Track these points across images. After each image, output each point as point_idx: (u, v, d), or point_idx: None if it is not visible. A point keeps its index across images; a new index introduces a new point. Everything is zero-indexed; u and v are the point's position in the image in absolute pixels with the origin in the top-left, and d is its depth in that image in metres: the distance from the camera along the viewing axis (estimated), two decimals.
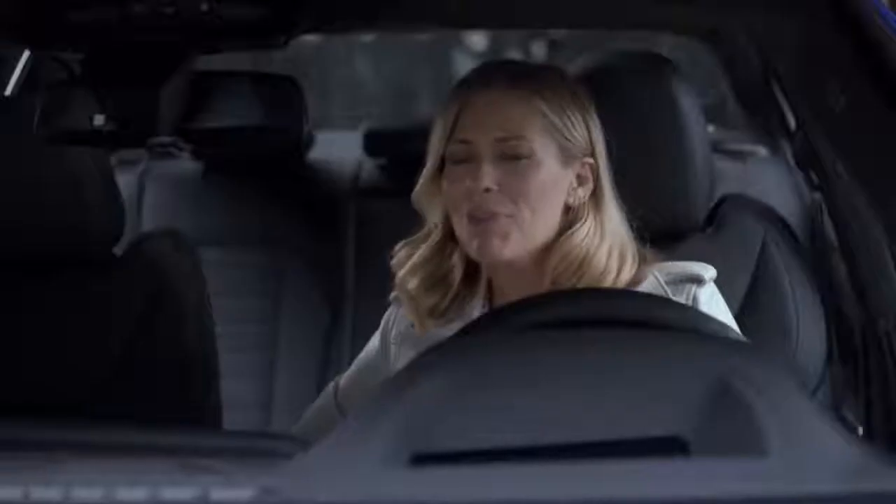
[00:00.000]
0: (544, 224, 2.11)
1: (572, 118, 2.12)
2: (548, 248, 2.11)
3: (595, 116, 2.15)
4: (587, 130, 2.13)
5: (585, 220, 2.12)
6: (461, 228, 2.11)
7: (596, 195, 2.15)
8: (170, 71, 1.91)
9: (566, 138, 2.11)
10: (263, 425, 3.80)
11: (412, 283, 2.17)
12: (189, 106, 1.95)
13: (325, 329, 3.89)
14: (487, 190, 2.07)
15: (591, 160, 2.14)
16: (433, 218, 2.17)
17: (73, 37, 1.92)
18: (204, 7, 1.82)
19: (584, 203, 2.13)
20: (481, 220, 2.08)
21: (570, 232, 2.11)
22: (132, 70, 1.93)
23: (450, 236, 2.16)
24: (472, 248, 2.11)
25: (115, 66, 1.93)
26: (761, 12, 2.30)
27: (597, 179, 2.14)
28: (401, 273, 2.19)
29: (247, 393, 3.81)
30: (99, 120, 1.90)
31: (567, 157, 2.12)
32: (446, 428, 1.37)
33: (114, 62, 1.93)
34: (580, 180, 2.14)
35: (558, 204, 2.12)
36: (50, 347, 2.51)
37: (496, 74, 2.13)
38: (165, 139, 1.96)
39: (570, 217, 2.13)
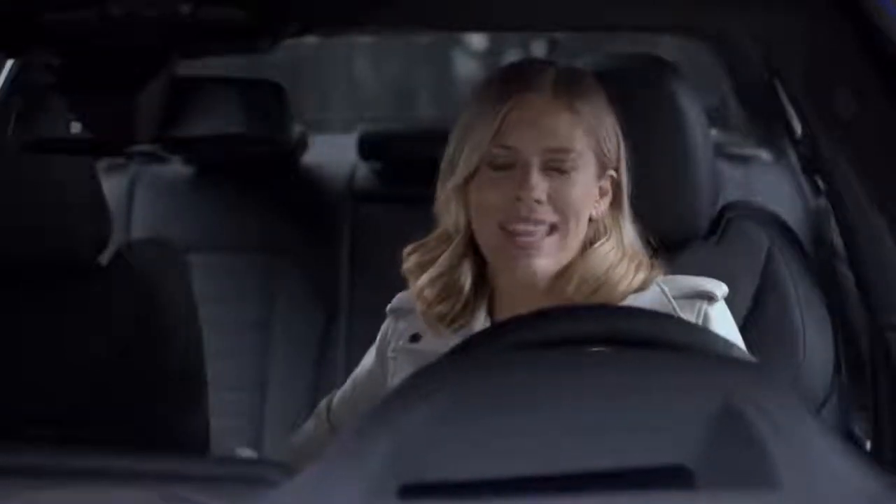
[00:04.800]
0: (579, 238, 2.06)
1: (608, 129, 2.08)
2: (568, 263, 2.06)
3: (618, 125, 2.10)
4: (617, 143, 2.09)
5: (609, 236, 2.09)
6: (492, 240, 2.05)
7: (615, 207, 2.10)
8: (150, 76, 1.85)
9: (604, 153, 2.07)
10: (256, 433, 3.77)
11: (428, 292, 2.11)
12: (169, 113, 1.89)
13: (320, 334, 3.86)
14: (538, 201, 2.00)
15: (614, 173, 2.09)
16: (456, 225, 2.09)
17: (48, 41, 1.86)
18: (185, 9, 1.76)
19: (605, 216, 2.09)
20: (521, 236, 2.01)
21: (593, 247, 2.07)
22: (110, 76, 1.87)
23: (468, 244, 2.09)
24: (507, 264, 2.05)
25: (93, 72, 1.87)
26: (764, 13, 2.24)
27: (617, 191, 2.10)
28: (417, 283, 2.13)
29: (240, 400, 3.79)
30: (76, 127, 1.85)
31: (601, 170, 2.08)
32: (437, 457, 1.30)
33: (91, 67, 1.87)
34: (601, 192, 2.09)
35: (587, 217, 2.07)
36: (37, 355, 2.47)
37: (539, 77, 2.05)
38: (145, 147, 1.90)
39: (591, 231, 2.09)
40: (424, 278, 2.12)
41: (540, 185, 2.01)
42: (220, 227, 3.89)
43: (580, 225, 2.05)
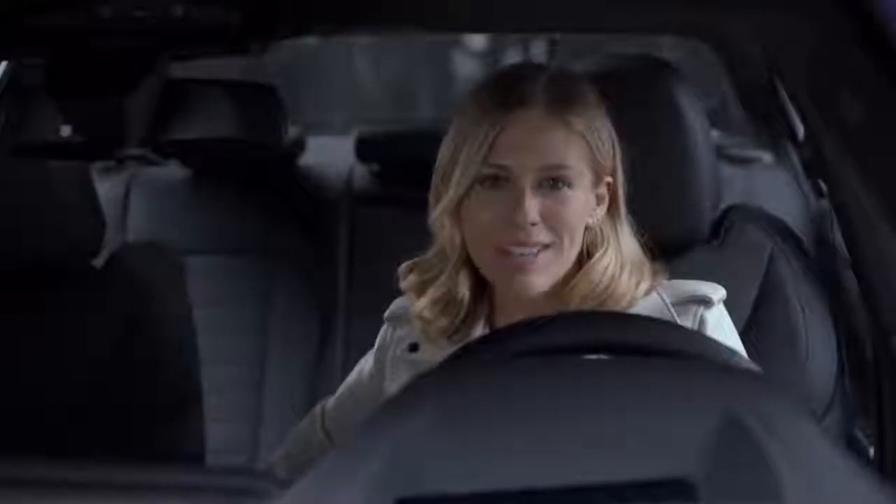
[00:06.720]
0: (575, 249, 2.03)
1: (603, 139, 2.04)
2: (568, 275, 2.03)
3: (613, 128, 2.06)
4: (612, 149, 2.05)
5: (608, 247, 2.05)
6: (488, 259, 2.02)
7: (612, 213, 2.07)
8: (141, 79, 1.83)
9: (599, 163, 2.03)
10: (254, 435, 3.75)
11: (428, 311, 2.09)
12: (161, 116, 1.87)
13: (318, 336, 3.85)
14: (533, 224, 1.97)
15: (610, 179, 2.06)
16: (452, 242, 2.06)
17: (38, 43, 1.83)
18: (177, 11, 1.73)
19: (602, 223, 2.06)
20: (516, 254, 1.98)
21: (592, 261, 2.04)
22: (101, 78, 1.84)
23: (465, 260, 2.07)
24: (504, 281, 2.03)
25: (83, 74, 1.85)
26: (765, 13, 2.21)
27: (614, 197, 2.07)
28: (417, 303, 2.10)
29: (238, 402, 3.77)
30: (65, 131, 1.82)
31: (597, 180, 2.04)
32: (433, 469, 1.27)
33: (82, 69, 1.84)
34: (598, 199, 2.06)
35: (583, 228, 2.04)
36: (35, 357, 2.45)
37: (530, 90, 2.00)
38: (136, 151, 1.88)
39: (589, 238, 2.06)
40: (424, 300, 2.09)
41: (534, 207, 1.98)
42: (217, 230, 3.87)
43: (575, 239, 2.02)
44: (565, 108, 2.00)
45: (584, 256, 2.05)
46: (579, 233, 2.02)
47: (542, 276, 2.00)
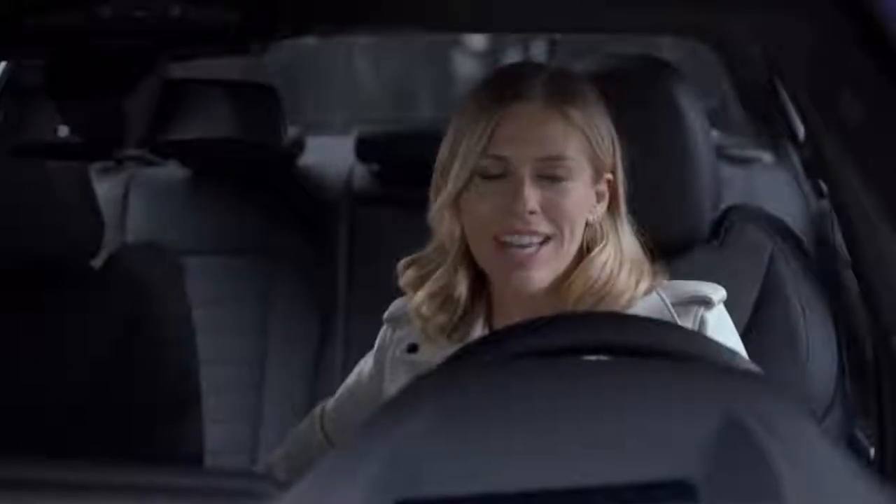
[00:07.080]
0: (575, 244, 2.03)
1: (603, 135, 2.04)
2: (567, 270, 2.03)
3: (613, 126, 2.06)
4: (612, 146, 2.05)
5: (606, 243, 2.05)
6: (487, 253, 2.02)
7: (612, 211, 2.07)
8: (139, 79, 1.82)
9: (598, 158, 2.03)
10: (254, 436, 3.75)
11: (426, 307, 2.08)
12: (159, 117, 1.86)
13: (317, 336, 3.84)
14: (532, 212, 1.97)
15: (610, 176, 2.05)
16: (451, 236, 2.06)
17: (37, 43, 1.83)
18: (176, 11, 1.72)
19: (602, 220, 2.05)
20: (516, 247, 1.98)
21: (591, 255, 2.04)
22: (99, 78, 1.84)
23: (464, 255, 2.06)
24: (503, 277, 2.02)
25: (82, 74, 1.84)
26: (765, 13, 2.21)
27: (614, 194, 2.06)
28: (415, 298, 2.10)
29: (238, 402, 3.76)
30: (63, 131, 1.82)
31: (596, 175, 2.04)
32: (433, 471, 1.27)
33: (80, 70, 1.84)
34: (598, 196, 2.06)
35: (583, 223, 2.03)
36: (35, 357, 2.44)
37: (529, 85, 2.01)
38: (135, 151, 1.88)
39: (589, 235, 2.05)
40: (422, 294, 2.09)
41: (533, 196, 1.98)
42: (216, 230, 3.87)
43: (576, 232, 2.02)
44: (564, 102, 2.01)
45: (584, 254, 2.05)
46: (579, 226, 2.02)
47: (542, 271, 2.00)
